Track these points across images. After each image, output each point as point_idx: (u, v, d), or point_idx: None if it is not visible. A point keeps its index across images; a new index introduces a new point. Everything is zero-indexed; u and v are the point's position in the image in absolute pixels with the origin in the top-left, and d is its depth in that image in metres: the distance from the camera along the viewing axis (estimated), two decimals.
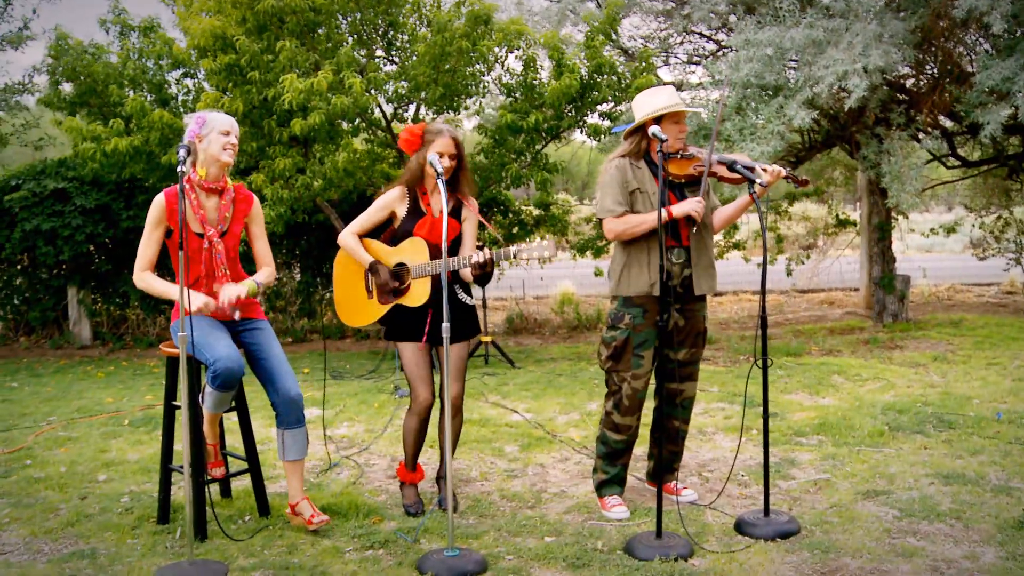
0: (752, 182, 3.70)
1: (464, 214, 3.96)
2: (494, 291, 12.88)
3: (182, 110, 8.62)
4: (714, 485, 4.32)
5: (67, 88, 8.88)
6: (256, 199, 3.86)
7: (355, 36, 8.39)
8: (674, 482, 4.16)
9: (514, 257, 3.58)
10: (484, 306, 8.91)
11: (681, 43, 10.73)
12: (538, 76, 8.02)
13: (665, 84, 4.24)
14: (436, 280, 3.81)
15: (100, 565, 3.42)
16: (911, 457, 4.66)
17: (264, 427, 5.60)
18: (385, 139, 8.64)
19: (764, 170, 3.74)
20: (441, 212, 3.87)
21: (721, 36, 10.14)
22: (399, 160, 8.77)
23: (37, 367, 8.38)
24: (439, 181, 3.55)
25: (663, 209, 3.60)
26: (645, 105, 3.82)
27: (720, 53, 10.16)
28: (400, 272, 3.91)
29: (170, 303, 3.74)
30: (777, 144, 7.38)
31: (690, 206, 3.69)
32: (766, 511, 3.69)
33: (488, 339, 8.44)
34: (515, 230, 10.88)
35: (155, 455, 4.94)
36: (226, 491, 4.22)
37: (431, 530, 3.75)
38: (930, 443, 4.94)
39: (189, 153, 3.46)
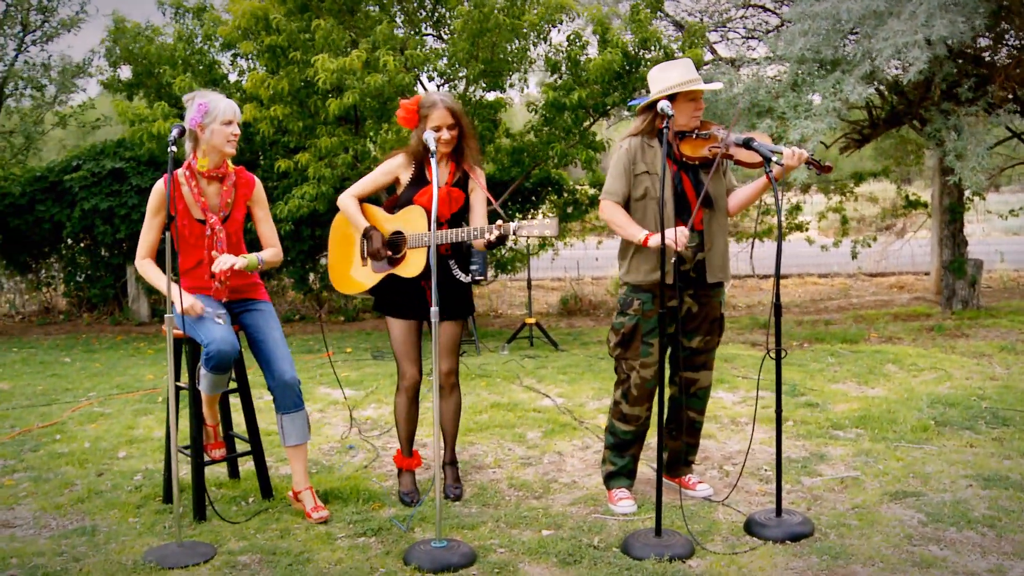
0: (769, 160, 3.46)
1: (471, 185, 3.82)
2: (549, 271, 12.75)
3: (234, 90, 8.71)
4: (735, 480, 4.11)
5: (125, 71, 9.08)
6: (258, 182, 3.82)
7: (405, 14, 8.32)
8: (689, 476, 3.98)
9: (514, 234, 3.44)
10: (529, 287, 8.77)
11: (743, 17, 10.33)
12: (584, 52, 7.80)
13: (684, 57, 4.01)
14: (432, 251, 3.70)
15: (96, 543, 3.44)
16: (953, 455, 4.36)
17: None
18: None
19: (784, 153, 3.50)
20: (446, 183, 3.77)
21: (785, 9, 9.70)
22: None
23: (93, 343, 8.63)
24: (431, 158, 3.42)
25: (642, 234, 3.47)
26: (658, 80, 3.62)
27: (784, 27, 9.73)
28: (397, 240, 3.78)
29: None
30: (832, 121, 7.00)
31: (671, 238, 3.41)
32: (778, 511, 3.48)
33: (532, 321, 8.31)
34: (569, 210, 10.71)
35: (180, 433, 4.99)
36: (234, 472, 4.22)
37: (428, 518, 3.66)
38: (978, 441, 4.62)
39: (183, 134, 3.42)
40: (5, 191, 9.26)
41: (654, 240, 3.45)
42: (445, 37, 8.71)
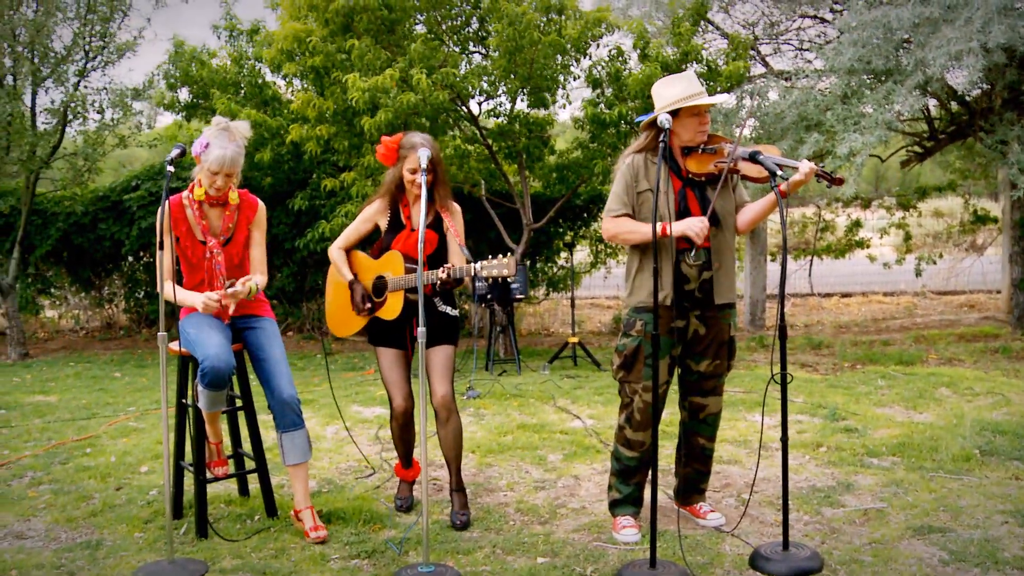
0: (774, 175, 3.31)
1: (445, 226, 3.86)
2: (602, 290, 12.59)
3: (285, 111, 8.86)
4: (751, 509, 3.92)
5: (183, 93, 9.33)
6: (262, 206, 3.85)
7: (452, 32, 8.36)
8: (701, 504, 3.82)
9: (475, 275, 3.54)
10: (572, 306, 8.67)
11: (799, 29, 10.06)
12: (626, 66, 7.69)
13: (684, 71, 3.85)
14: (410, 294, 3.78)
15: (96, 557, 3.48)
16: (993, 488, 4.08)
17: None
18: (473, 135, 8.55)
19: (794, 167, 3.35)
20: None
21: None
22: (489, 156, 8.68)
23: (147, 358, 8.85)
24: (422, 173, 3.45)
25: (659, 224, 3.31)
26: (660, 96, 3.51)
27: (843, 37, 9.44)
28: (379, 285, 3.88)
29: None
30: (883, 134, 6.72)
31: (688, 225, 3.31)
32: (785, 544, 3.30)
33: (575, 340, 8.20)
34: None
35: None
36: (244, 489, 4.23)
37: (430, 541, 3.58)
38: None
39: (183, 155, 3.46)
40: (69, 210, 9.62)
41: (676, 227, 3.33)
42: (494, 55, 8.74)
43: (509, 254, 3.59)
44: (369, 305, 3.87)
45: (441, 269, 3.61)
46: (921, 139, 8.73)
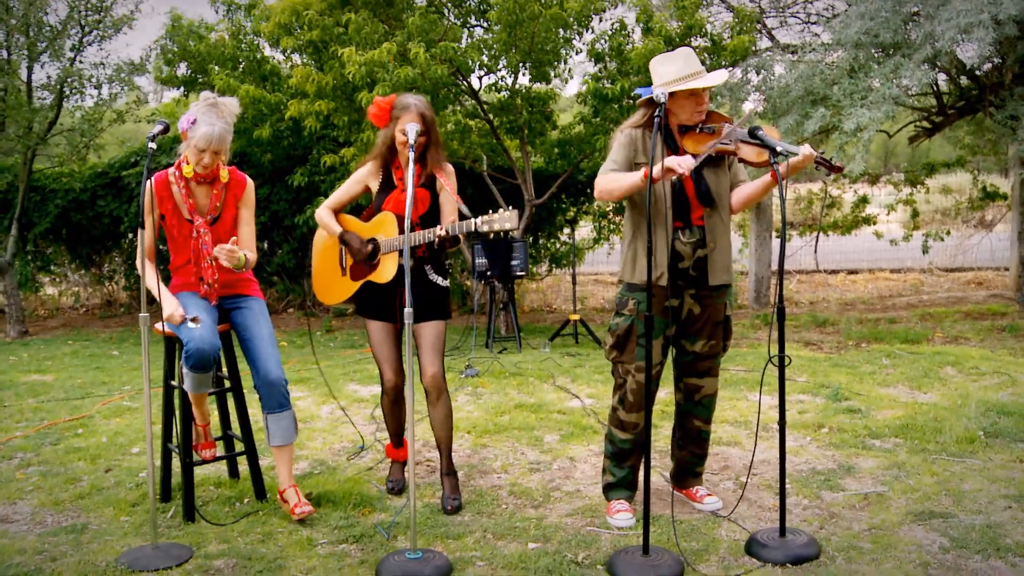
0: (774, 151, 3.20)
1: (439, 185, 3.75)
2: (605, 266, 12.49)
3: (284, 86, 8.73)
4: (750, 492, 3.85)
5: (182, 68, 9.20)
6: (250, 183, 3.75)
7: (453, 4, 8.20)
8: (697, 488, 3.75)
9: (476, 230, 3.40)
10: (574, 283, 8.58)
11: (805, 2, 9.86)
12: (628, 40, 7.54)
13: (682, 47, 3.65)
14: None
15: (80, 542, 3.42)
16: (998, 472, 3.99)
17: None
18: (474, 109, 8.42)
19: (794, 152, 3.24)
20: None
21: None
22: (491, 131, 8.55)
23: None
24: (410, 150, 3.33)
25: (642, 171, 3.19)
26: (657, 74, 3.39)
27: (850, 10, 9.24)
28: (373, 248, 3.76)
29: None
30: (890, 109, 6.57)
31: (672, 161, 3.16)
32: (782, 530, 3.23)
33: (576, 317, 8.11)
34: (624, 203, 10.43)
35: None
36: (234, 472, 4.17)
37: (419, 526, 3.52)
38: None
39: (166, 131, 3.36)
40: (67, 187, 9.54)
41: (656, 168, 3.18)
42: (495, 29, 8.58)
43: (510, 208, 3.46)
44: (369, 249, 3.73)
45: (439, 227, 3.48)
46: (930, 114, 8.57)
